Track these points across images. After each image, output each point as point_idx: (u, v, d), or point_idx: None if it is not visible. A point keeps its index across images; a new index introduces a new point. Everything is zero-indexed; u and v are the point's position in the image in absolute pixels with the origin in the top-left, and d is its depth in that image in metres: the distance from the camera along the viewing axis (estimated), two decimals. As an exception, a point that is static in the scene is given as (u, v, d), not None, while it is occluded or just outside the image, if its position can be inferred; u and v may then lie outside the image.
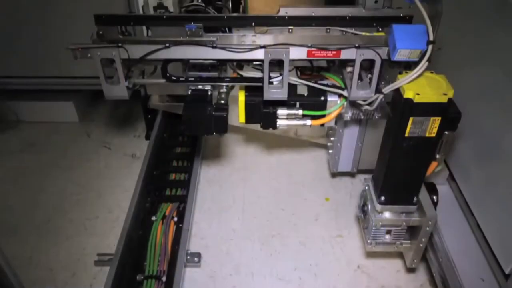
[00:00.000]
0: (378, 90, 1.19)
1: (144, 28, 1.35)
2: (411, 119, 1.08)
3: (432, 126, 1.09)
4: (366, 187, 1.38)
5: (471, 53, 1.41)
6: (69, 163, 1.98)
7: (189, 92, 1.28)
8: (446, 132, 1.14)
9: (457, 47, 1.45)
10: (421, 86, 1.07)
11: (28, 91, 2.11)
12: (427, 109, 1.06)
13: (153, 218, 1.58)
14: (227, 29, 1.32)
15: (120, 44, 1.16)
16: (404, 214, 1.32)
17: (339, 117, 1.40)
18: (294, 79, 1.31)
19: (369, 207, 1.36)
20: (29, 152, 2.04)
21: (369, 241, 1.38)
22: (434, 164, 1.21)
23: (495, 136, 1.26)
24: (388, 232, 1.37)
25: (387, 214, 1.33)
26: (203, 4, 1.32)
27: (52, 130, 2.16)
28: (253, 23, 1.27)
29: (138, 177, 1.68)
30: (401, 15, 1.26)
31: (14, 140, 2.10)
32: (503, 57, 1.22)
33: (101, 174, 1.93)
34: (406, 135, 1.11)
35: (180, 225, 1.54)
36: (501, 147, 1.23)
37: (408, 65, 1.18)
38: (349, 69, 1.33)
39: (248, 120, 1.37)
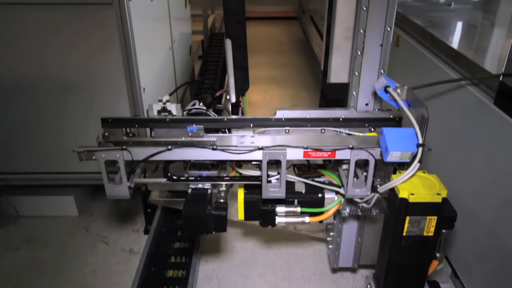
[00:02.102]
0: (374, 189, 1.22)
1: (148, 129, 1.41)
2: (407, 218, 1.09)
3: (429, 225, 1.10)
4: (368, 287, 1.35)
5: (460, 151, 1.47)
6: (65, 260, 1.94)
7: (190, 190, 1.32)
8: (444, 231, 1.15)
9: (447, 147, 1.52)
10: (415, 186, 1.10)
11: (29, 186, 2.14)
12: (422, 209, 1.08)
13: (149, 319, 1.51)
14: (226, 129, 1.38)
15: (124, 147, 1.21)
16: (409, 316, 1.28)
17: (337, 213, 1.41)
18: (292, 177, 1.34)
19: (373, 307, 1.31)
20: (26, 249, 2.01)
21: None
22: (435, 263, 1.20)
23: (494, 230, 1.27)
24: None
25: (391, 316, 1.28)
26: (205, 108, 1.40)
27: (50, 225, 2.15)
28: (251, 125, 1.34)
29: (135, 275, 1.64)
30: (391, 116, 1.33)
31: (12, 236, 2.08)
32: (491, 154, 1.27)
33: (98, 271, 1.88)
34: (404, 234, 1.12)
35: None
36: (501, 242, 1.23)
37: (402, 163, 1.23)
38: (344, 166, 1.37)
39: (247, 217, 1.38)
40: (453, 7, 2.28)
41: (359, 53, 1.31)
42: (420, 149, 1.09)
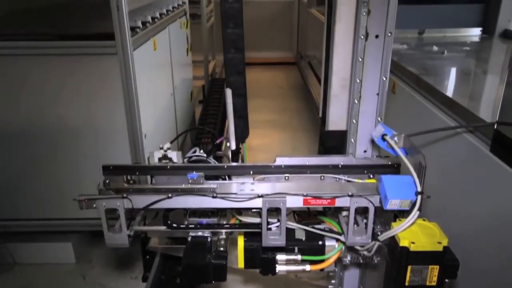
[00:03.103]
0: (374, 236, 1.22)
1: (149, 176, 1.42)
2: (409, 267, 1.08)
3: (432, 275, 1.09)
4: (372, 338, 1.32)
5: (459, 198, 1.47)
6: (60, 310, 1.90)
7: (189, 238, 1.31)
8: (447, 280, 1.13)
9: (445, 193, 1.52)
10: (415, 234, 1.10)
11: (26, 232, 2.12)
12: (424, 258, 1.07)
13: None
14: (227, 176, 1.40)
15: (124, 195, 1.22)
16: None
17: (338, 260, 1.40)
18: (292, 224, 1.34)
19: None
20: (20, 298, 1.97)
21: None
22: (440, 314, 1.17)
23: (499, 278, 1.25)
24: None
25: None
26: (205, 155, 1.42)
27: (47, 273, 2.12)
28: (251, 172, 1.35)
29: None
30: (390, 163, 1.35)
31: (8, 284, 2.05)
32: (490, 201, 1.28)
33: (93, 321, 1.84)
34: (407, 283, 1.10)
35: None
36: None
37: (401, 211, 1.23)
38: (344, 213, 1.37)
39: (247, 265, 1.36)
40: (446, 55, 2.35)
41: (356, 101, 1.35)
42: (419, 197, 1.10)
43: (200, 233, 1.31)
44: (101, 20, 1.78)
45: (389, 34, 1.27)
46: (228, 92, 1.37)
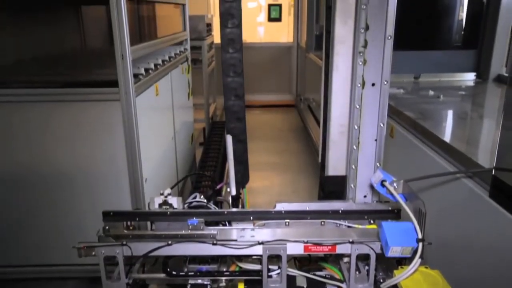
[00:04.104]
0: (376, 284, 1.20)
1: (149, 222, 1.42)
2: (413, 317, 1.06)
3: (436, 325, 1.06)
4: None
5: (459, 244, 1.46)
6: None
7: (189, 286, 1.29)
8: (451, 330, 1.11)
9: (446, 239, 1.52)
10: (418, 283, 1.08)
11: (23, 279, 2.08)
12: (427, 307, 1.05)
13: None
14: (227, 221, 1.39)
15: (124, 242, 1.22)
16: None
17: (340, 309, 1.37)
18: (293, 271, 1.32)
19: None
20: None
21: None
22: None
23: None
24: None
25: None
26: (205, 200, 1.42)
27: (42, 321, 2.06)
28: (251, 217, 1.35)
29: None
30: (390, 208, 1.35)
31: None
32: (491, 247, 1.27)
33: None
34: (411, 334, 1.08)
35: None
36: None
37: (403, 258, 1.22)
38: (346, 259, 1.36)
39: (248, 313, 1.33)
40: (442, 99, 2.40)
41: (354, 147, 1.37)
42: (420, 244, 1.10)
43: (199, 281, 1.30)
44: (105, 67, 1.83)
45: (385, 83, 1.31)
46: (229, 139, 1.39)
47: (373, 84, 1.32)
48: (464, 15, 3.02)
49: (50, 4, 1.93)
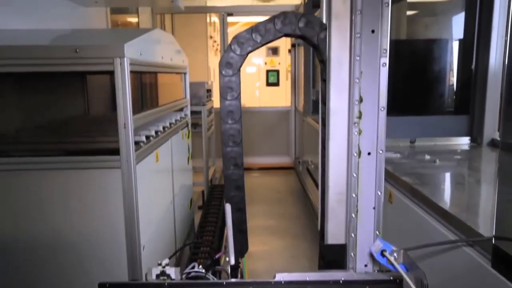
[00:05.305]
0: None
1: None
2: None
3: None
4: None
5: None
6: None
7: None
8: None
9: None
10: None
11: None
12: None
13: None
14: None
15: (120, 317, 1.18)
16: None
17: None
18: None
19: None
20: None
21: None
22: None
23: None
24: None
25: None
26: (203, 270, 1.40)
27: None
28: (250, 289, 1.32)
29: None
30: (391, 278, 1.33)
31: None
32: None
33: None
34: None
35: None
36: None
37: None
38: (348, 333, 1.31)
39: None
40: (438, 163, 2.43)
41: (353, 215, 1.37)
42: (424, 318, 1.07)
43: None
44: (106, 135, 1.87)
45: (381, 152, 1.34)
46: (228, 208, 1.40)
47: (369, 153, 1.35)
48: (454, 81, 3.15)
49: (56, 74, 2.00)
